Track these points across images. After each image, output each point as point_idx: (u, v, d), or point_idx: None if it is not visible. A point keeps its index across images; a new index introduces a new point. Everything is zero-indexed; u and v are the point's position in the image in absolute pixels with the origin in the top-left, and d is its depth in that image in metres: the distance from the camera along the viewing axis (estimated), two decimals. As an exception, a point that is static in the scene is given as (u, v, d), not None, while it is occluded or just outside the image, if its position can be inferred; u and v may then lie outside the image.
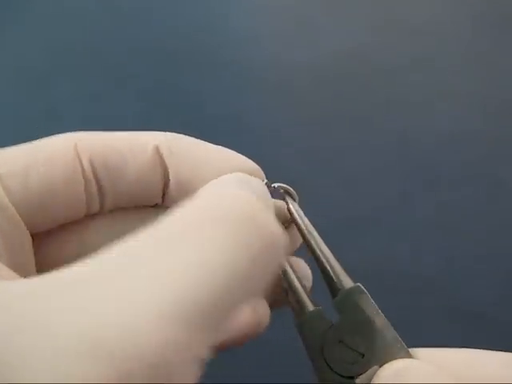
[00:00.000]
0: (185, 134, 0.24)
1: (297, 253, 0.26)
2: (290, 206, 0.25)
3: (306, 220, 0.25)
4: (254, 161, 0.24)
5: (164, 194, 0.24)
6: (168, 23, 1.11)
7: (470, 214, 0.63)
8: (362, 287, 0.23)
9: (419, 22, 0.90)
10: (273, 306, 0.24)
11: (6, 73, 1.04)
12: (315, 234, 0.24)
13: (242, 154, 0.23)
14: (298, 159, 0.70)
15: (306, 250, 0.25)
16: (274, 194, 0.25)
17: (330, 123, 0.76)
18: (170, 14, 1.15)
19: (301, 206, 0.26)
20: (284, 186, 0.25)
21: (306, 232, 0.24)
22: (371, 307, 0.22)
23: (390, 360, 0.21)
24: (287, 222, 0.26)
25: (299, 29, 0.92)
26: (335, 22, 0.92)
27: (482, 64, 0.83)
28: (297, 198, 0.26)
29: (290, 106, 0.80)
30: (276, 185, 0.25)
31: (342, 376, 0.22)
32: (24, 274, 0.19)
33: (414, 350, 0.22)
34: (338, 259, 0.23)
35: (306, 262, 0.25)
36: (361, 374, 0.21)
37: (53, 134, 0.23)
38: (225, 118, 0.81)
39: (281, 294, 0.24)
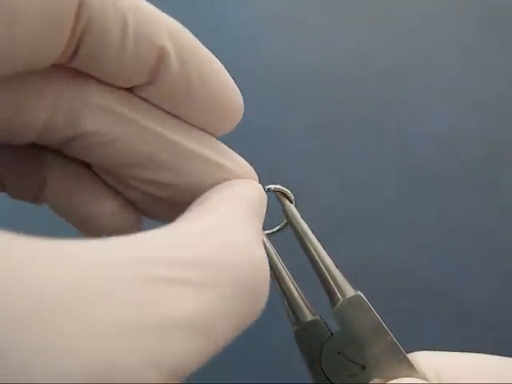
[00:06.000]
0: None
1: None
2: (287, 209, 0.24)
3: (303, 223, 0.23)
4: (254, 162, 0.22)
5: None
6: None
7: (469, 214, 0.63)
8: (363, 296, 0.21)
9: (418, 23, 0.90)
10: None
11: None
12: (313, 238, 0.23)
13: (242, 154, 0.22)
14: (298, 160, 0.69)
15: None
16: (270, 195, 0.24)
17: (329, 124, 0.76)
18: (170, 16, 1.14)
19: (300, 206, 0.24)
20: (280, 187, 0.24)
21: (303, 236, 0.23)
22: (372, 318, 0.21)
23: (392, 373, 0.20)
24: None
25: (298, 30, 0.92)
26: (334, 24, 0.92)
27: (480, 64, 0.82)
28: (293, 199, 0.24)
29: (290, 107, 0.80)
30: (272, 187, 0.24)
31: None
32: None
33: (414, 355, 0.21)
34: (337, 265, 0.22)
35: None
36: (361, 387, 0.20)
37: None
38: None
39: None
